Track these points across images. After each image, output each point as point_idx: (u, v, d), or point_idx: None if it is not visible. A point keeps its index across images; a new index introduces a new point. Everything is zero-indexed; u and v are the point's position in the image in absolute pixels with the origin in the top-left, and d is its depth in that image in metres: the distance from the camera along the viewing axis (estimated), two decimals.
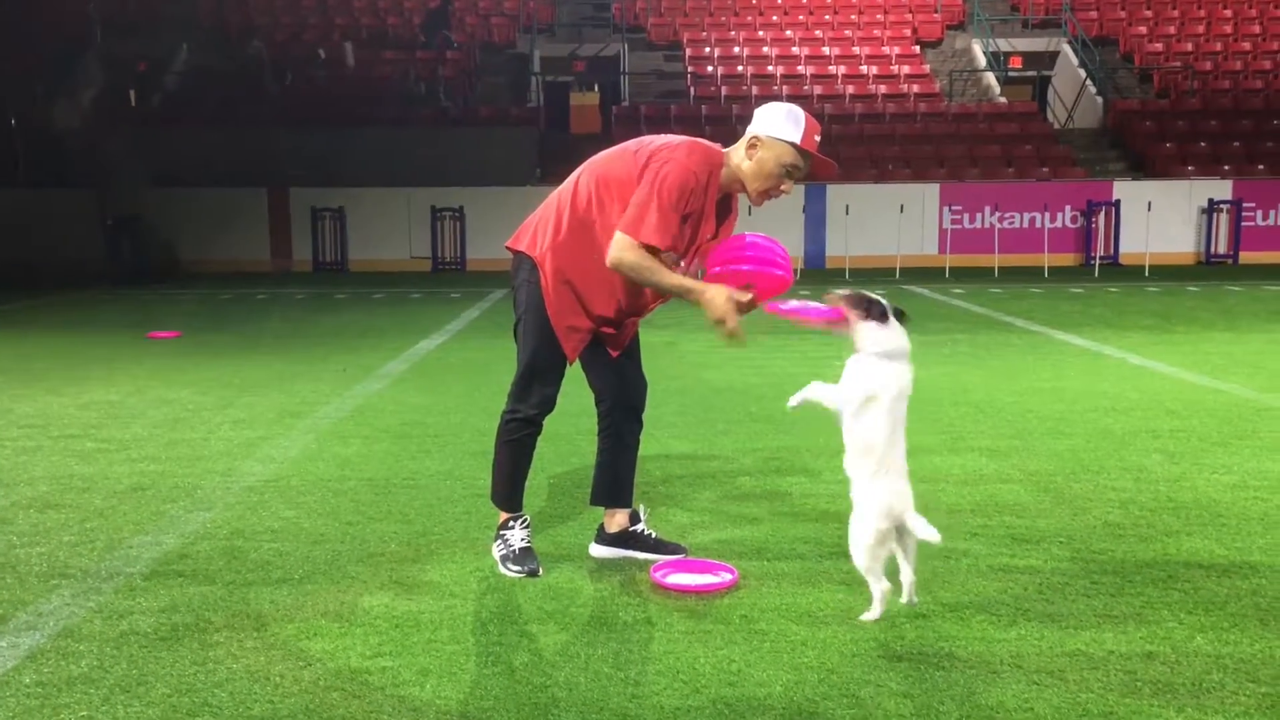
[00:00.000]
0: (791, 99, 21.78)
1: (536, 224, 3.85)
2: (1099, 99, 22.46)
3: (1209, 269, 18.03)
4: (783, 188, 3.68)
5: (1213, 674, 3.03)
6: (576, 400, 4.62)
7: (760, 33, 24.77)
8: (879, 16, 25.32)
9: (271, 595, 3.68)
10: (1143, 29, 24.52)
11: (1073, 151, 20.96)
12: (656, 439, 5.85)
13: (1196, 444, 5.75)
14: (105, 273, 17.06)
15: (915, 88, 22.75)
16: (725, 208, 3.83)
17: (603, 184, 3.70)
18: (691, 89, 22.80)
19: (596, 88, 23.33)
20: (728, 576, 3.76)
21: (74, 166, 18.53)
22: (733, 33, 24.72)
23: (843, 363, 3.50)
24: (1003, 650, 3.19)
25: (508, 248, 3.93)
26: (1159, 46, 23.88)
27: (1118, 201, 18.76)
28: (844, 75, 23.10)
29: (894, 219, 18.35)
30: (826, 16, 25.45)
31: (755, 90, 22.35)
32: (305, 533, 4.37)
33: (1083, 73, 23.09)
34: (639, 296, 3.84)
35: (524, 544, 3.93)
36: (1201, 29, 24.49)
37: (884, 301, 3.39)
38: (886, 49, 24.05)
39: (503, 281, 15.55)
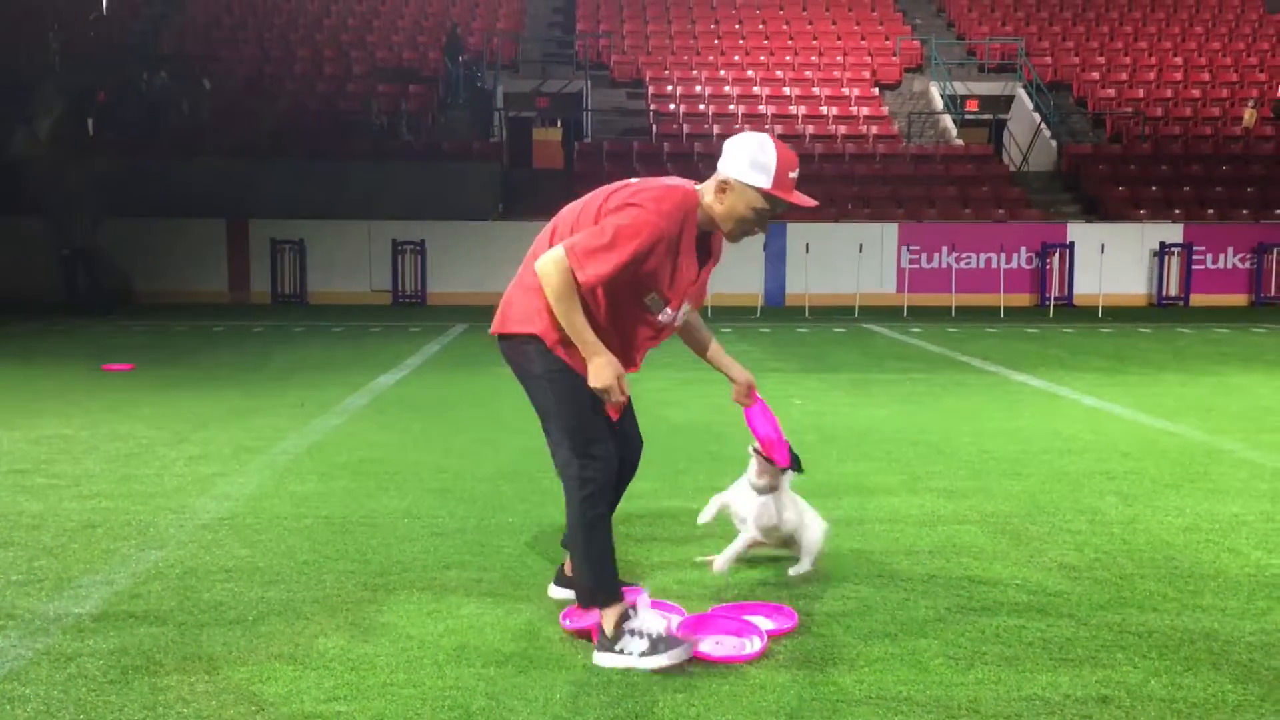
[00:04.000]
0: None
1: (528, 305, 3.57)
2: (1053, 142, 22.88)
3: (1161, 311, 18.34)
4: (758, 229, 3.56)
5: (1167, 719, 3.06)
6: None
7: (722, 72, 25.04)
8: (839, 58, 25.68)
9: (224, 637, 3.62)
10: (1095, 75, 25.05)
11: (1028, 193, 21.30)
12: None
13: (1149, 486, 5.83)
14: (60, 304, 16.83)
15: (874, 129, 23.06)
16: (705, 249, 3.66)
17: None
18: (654, 126, 22.97)
19: (559, 124, 23.45)
20: (758, 644, 3.53)
21: (29, 195, 18.30)
22: (695, 71, 24.97)
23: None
24: (960, 694, 3.20)
25: (497, 334, 3.66)
26: (1111, 92, 24.39)
27: (1072, 243, 19.06)
28: (804, 115, 23.38)
29: (853, 258, 18.53)
30: (787, 57, 25.78)
31: (717, 129, 22.55)
32: (260, 572, 4.31)
33: (1037, 116, 23.52)
34: (630, 352, 3.69)
35: (662, 624, 3.48)
36: (1152, 75, 25.06)
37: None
38: (846, 90, 24.38)
39: (463, 315, 15.39)
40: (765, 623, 3.67)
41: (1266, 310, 18.19)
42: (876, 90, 24.68)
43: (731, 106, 23.69)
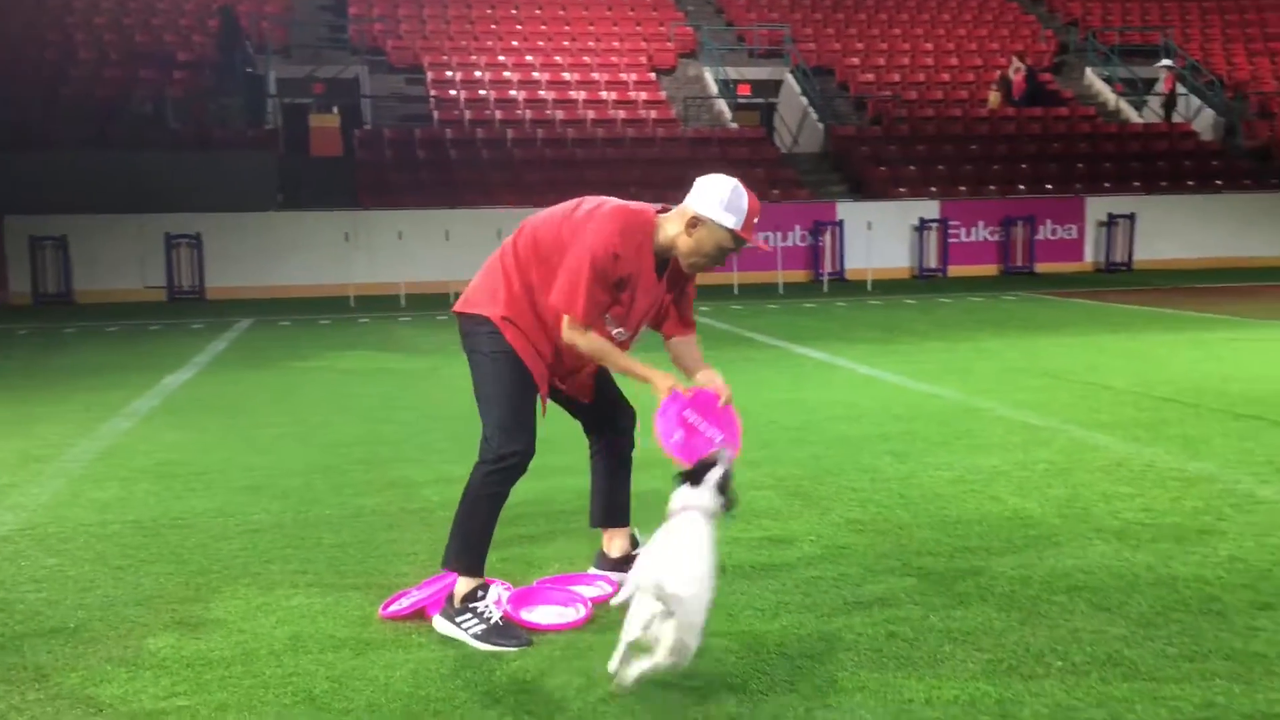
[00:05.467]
0: (535, 123, 22.25)
1: (487, 288, 3.81)
2: (820, 125, 24.03)
3: (922, 283, 19.63)
4: (714, 265, 3.77)
5: (945, 647, 3.49)
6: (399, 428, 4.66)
7: (501, 57, 25.05)
8: (616, 44, 26.13)
9: (47, 645, 3.59)
10: (856, 60, 26.41)
11: (799, 174, 22.33)
12: (431, 465, 5.97)
13: (921, 445, 6.40)
14: None
15: (653, 113, 23.61)
16: (663, 275, 3.81)
17: (535, 245, 3.74)
18: (434, 112, 22.79)
19: (337, 110, 22.92)
20: (583, 611, 3.77)
21: None
22: (474, 57, 24.88)
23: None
24: (769, 640, 3.55)
25: (457, 312, 3.87)
26: (871, 77, 25.79)
27: (841, 221, 20.13)
28: (585, 100, 23.70)
29: None
30: (565, 43, 26.02)
31: (499, 114, 22.60)
32: (73, 580, 4.25)
33: (805, 100, 24.65)
34: (582, 362, 3.88)
35: (501, 614, 3.67)
36: (907, 61, 26.64)
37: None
38: (624, 75, 24.84)
39: (247, 309, 15.01)
40: (589, 590, 3.93)
41: (1014, 279, 19.75)
42: (653, 75, 25.26)
43: (513, 92, 23.76)
